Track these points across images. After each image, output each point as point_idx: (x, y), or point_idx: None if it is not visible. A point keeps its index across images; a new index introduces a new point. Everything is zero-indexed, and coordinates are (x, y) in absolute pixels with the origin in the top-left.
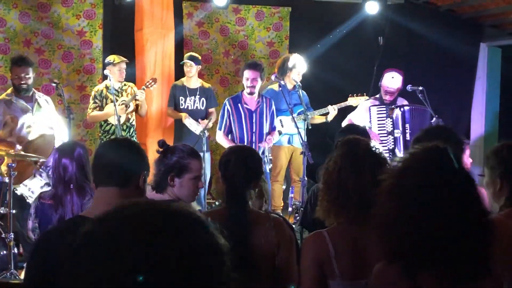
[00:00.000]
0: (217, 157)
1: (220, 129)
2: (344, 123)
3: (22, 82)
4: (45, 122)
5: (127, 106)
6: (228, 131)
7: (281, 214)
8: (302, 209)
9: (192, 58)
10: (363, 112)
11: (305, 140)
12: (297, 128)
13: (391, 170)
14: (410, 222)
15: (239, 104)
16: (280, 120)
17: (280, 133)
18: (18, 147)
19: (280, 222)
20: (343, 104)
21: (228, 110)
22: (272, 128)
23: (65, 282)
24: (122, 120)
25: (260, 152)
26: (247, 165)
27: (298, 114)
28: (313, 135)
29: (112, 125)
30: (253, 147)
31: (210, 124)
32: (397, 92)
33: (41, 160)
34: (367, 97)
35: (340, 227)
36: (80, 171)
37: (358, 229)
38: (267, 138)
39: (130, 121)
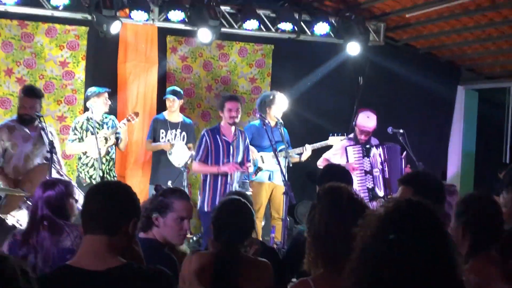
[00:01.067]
0: (195, 191)
1: (195, 159)
2: (319, 163)
3: (26, 112)
4: (44, 153)
5: (107, 140)
6: (204, 163)
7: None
8: (283, 249)
9: (174, 93)
10: (339, 152)
11: (286, 179)
12: (279, 165)
13: (366, 222)
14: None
15: (217, 136)
16: (261, 156)
17: (260, 169)
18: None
19: (269, 267)
20: (323, 144)
21: (206, 141)
22: (247, 160)
23: None
24: (102, 153)
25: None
26: (241, 228)
27: (279, 151)
28: (291, 173)
29: (92, 158)
30: (228, 178)
31: (190, 160)
32: (372, 131)
33: (22, 194)
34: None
35: (325, 275)
36: (55, 209)
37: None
38: (246, 164)
39: (110, 154)
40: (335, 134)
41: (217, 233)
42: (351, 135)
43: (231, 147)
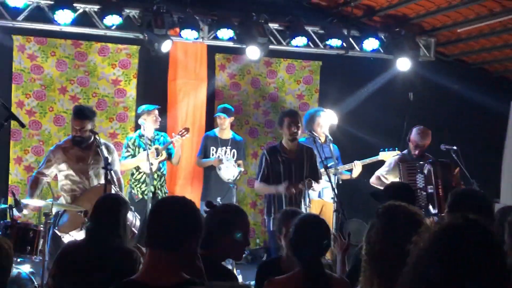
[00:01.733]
0: (244, 207)
1: (257, 179)
2: (372, 180)
3: (77, 134)
4: (101, 172)
5: (158, 154)
6: (265, 182)
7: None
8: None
9: (224, 111)
10: (392, 168)
11: (337, 196)
12: (330, 182)
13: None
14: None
15: (278, 154)
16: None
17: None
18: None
19: (349, 285)
20: (373, 159)
21: (266, 159)
22: (314, 178)
23: None
24: (154, 168)
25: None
26: (321, 244)
27: (329, 168)
28: (339, 190)
29: (144, 173)
30: (292, 198)
31: (238, 177)
32: (426, 147)
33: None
34: (399, 152)
35: None
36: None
37: None
38: (307, 180)
39: (161, 170)
40: (386, 150)
41: (299, 251)
42: (405, 151)
43: (292, 165)
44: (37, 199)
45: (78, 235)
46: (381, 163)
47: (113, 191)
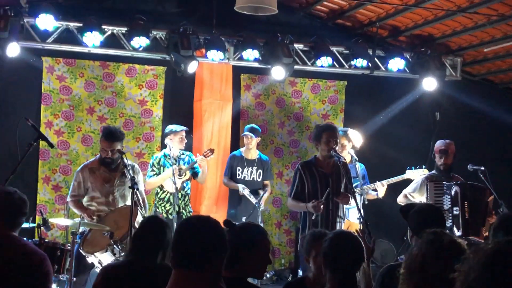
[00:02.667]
0: (269, 227)
1: (290, 195)
2: (399, 199)
3: (107, 156)
4: (127, 193)
5: (181, 174)
6: (299, 198)
7: None
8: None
9: (252, 130)
10: (420, 187)
11: (363, 216)
12: (356, 202)
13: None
14: None
15: (314, 168)
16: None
17: None
18: (95, 219)
19: None
20: (400, 178)
21: (301, 174)
22: (350, 193)
23: None
24: (177, 187)
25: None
26: (355, 258)
27: (354, 187)
28: (366, 211)
29: (168, 192)
30: (329, 214)
31: (266, 195)
32: (451, 153)
33: (115, 237)
34: (426, 170)
35: None
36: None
37: None
38: (342, 195)
39: (185, 189)
40: (413, 168)
41: (334, 265)
42: (433, 171)
43: (330, 180)
44: (65, 219)
45: (103, 256)
46: (408, 182)
47: (138, 212)
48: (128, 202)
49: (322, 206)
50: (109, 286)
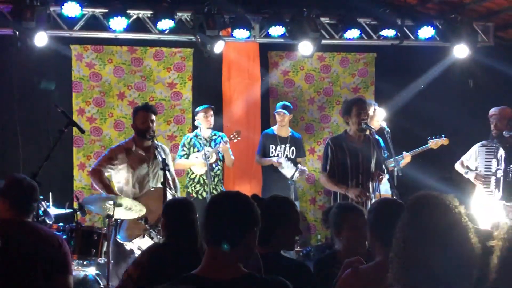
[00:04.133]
0: (303, 204)
1: (324, 170)
2: (456, 165)
3: (149, 126)
4: (157, 173)
5: (208, 157)
6: (331, 174)
7: None
8: None
9: (285, 107)
10: (473, 154)
11: (395, 187)
12: (388, 174)
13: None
14: None
15: (344, 143)
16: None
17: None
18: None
19: None
20: (424, 148)
21: (331, 149)
22: (381, 169)
23: None
24: (204, 171)
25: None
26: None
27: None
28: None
29: (197, 174)
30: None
31: (306, 170)
32: (504, 119)
33: (150, 222)
34: (447, 139)
35: None
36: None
37: None
38: (376, 173)
39: (215, 170)
40: (434, 137)
41: (383, 236)
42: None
43: (359, 155)
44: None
45: (142, 242)
46: (429, 151)
47: (168, 194)
48: (159, 184)
49: (364, 197)
50: (154, 264)
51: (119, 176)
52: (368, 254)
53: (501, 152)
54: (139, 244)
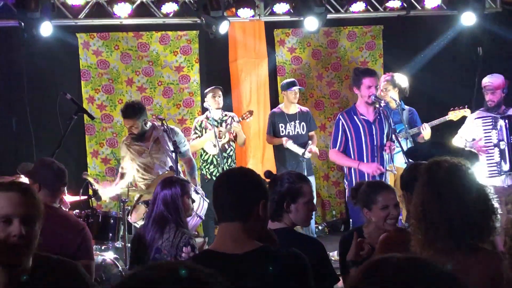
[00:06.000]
0: (316, 180)
1: (335, 146)
2: (454, 139)
3: (130, 132)
4: (164, 159)
5: (220, 137)
6: (344, 149)
7: None
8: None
9: (296, 84)
10: (470, 125)
11: (408, 161)
12: (401, 147)
13: None
14: None
15: (355, 117)
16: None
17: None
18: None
19: None
20: (442, 120)
21: (343, 124)
22: (391, 140)
23: None
24: (217, 151)
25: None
26: None
27: (399, 132)
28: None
29: (211, 154)
30: (378, 162)
31: (314, 147)
32: (497, 89)
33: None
34: (469, 110)
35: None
36: (170, 207)
37: (448, 260)
38: (387, 144)
39: (228, 151)
40: (455, 108)
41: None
42: (483, 108)
43: (373, 127)
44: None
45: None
46: (452, 122)
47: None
48: (167, 167)
49: (378, 171)
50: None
51: (130, 167)
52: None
53: (501, 123)
54: None
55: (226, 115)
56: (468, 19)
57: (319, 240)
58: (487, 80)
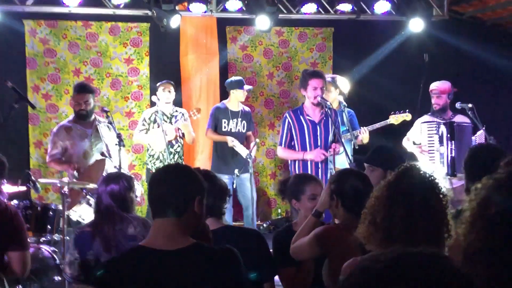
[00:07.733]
0: (263, 179)
1: (280, 144)
2: (404, 142)
3: (82, 108)
4: (100, 148)
5: (166, 134)
6: (289, 147)
7: None
8: None
9: (250, 83)
10: (416, 130)
11: (352, 162)
12: (344, 149)
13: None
14: (495, 254)
15: (301, 116)
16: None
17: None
18: (75, 173)
19: None
20: (383, 123)
21: (289, 122)
22: (337, 141)
23: None
24: (163, 147)
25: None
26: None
27: (342, 134)
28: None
29: (157, 150)
30: (319, 164)
31: (255, 148)
32: (443, 94)
33: (87, 187)
34: (410, 114)
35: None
36: (118, 202)
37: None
38: (333, 145)
39: (175, 147)
40: (396, 113)
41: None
42: (430, 113)
43: (317, 128)
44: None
45: (80, 208)
46: (393, 126)
47: (107, 163)
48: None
49: (322, 155)
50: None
51: (66, 154)
52: None
53: (442, 128)
54: (80, 213)
55: (176, 111)
56: (416, 25)
57: (256, 229)
58: (434, 85)
